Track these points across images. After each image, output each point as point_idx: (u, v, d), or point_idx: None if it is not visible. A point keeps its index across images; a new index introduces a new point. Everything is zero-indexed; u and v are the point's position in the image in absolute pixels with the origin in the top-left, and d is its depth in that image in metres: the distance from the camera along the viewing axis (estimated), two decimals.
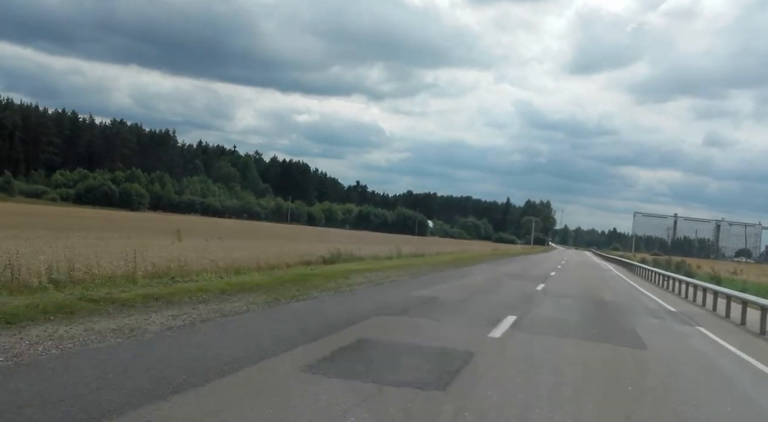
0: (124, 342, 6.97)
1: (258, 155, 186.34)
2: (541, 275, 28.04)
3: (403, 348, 7.74)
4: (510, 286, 18.48)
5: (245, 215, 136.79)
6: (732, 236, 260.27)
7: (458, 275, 22.34)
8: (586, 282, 26.21)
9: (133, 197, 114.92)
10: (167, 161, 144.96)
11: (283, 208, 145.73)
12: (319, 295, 12.55)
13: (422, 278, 18.90)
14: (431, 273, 21.11)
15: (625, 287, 27.05)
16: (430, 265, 25.83)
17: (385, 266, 20.86)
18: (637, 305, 17.44)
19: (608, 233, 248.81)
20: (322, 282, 14.43)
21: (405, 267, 21.76)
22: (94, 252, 12.15)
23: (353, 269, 18.34)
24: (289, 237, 48.27)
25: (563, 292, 17.82)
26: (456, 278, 20.41)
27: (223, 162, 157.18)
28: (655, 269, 35.89)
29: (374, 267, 19.74)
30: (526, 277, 24.71)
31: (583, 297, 17.13)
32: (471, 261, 33.22)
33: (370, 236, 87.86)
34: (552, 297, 15.95)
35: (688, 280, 23.94)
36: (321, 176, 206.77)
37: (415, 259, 28.50)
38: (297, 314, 10.14)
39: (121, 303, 8.94)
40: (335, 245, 26.12)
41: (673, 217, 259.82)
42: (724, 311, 17.09)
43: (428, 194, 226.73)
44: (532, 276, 26.05)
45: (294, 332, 8.25)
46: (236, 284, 12.08)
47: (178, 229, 28.06)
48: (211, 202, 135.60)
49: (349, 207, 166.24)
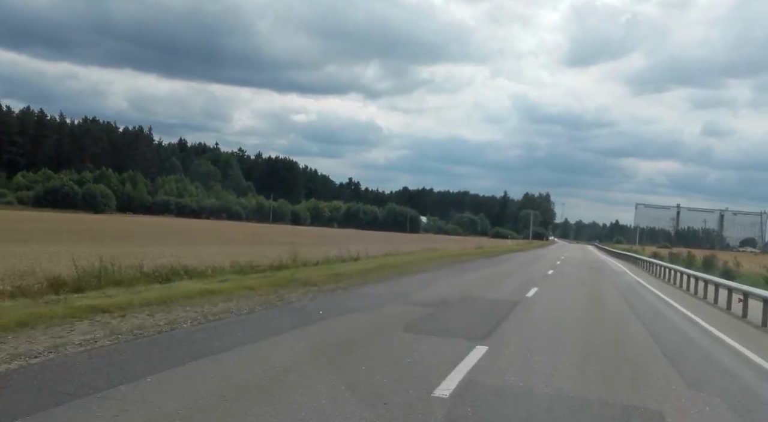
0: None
1: (242, 153, 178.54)
2: (502, 303, 14.09)
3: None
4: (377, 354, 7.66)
5: (224, 215, 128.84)
6: (736, 226, 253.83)
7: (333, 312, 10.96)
8: (596, 328, 11.79)
9: (98, 198, 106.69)
10: (141, 160, 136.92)
11: (265, 207, 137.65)
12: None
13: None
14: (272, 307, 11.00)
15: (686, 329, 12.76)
16: (332, 277, 16.40)
17: (227, 289, 12.36)
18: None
19: (610, 225, 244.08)
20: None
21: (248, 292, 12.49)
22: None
23: (175, 295, 10.33)
24: (246, 240, 40.76)
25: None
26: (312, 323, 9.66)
27: (202, 160, 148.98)
28: (686, 270, 26.82)
29: (216, 289, 11.60)
30: (457, 320, 11.03)
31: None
32: (419, 267, 23.98)
33: (348, 234, 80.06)
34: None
35: (748, 289, 15.89)
36: (311, 174, 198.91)
37: (343, 265, 20.36)
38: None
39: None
40: (289, 247, 21.67)
41: (675, 208, 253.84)
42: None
43: (423, 190, 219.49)
44: (478, 314, 12.06)
45: None
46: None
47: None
48: (187, 202, 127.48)
49: (336, 205, 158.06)
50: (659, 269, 30.80)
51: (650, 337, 10.84)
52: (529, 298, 15.77)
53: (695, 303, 18.30)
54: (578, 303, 16.10)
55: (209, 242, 33.08)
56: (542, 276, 23.74)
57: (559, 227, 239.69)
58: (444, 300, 13.64)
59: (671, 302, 18.25)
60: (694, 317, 14.57)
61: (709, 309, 16.83)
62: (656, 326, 12.58)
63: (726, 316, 15.35)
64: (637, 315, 14.28)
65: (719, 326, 12.97)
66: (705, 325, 13.13)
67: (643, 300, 18.69)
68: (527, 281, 20.88)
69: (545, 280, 22.74)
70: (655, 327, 12.43)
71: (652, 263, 34.44)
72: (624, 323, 12.76)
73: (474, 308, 12.91)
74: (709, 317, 14.71)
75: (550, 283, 21.34)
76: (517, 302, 14.49)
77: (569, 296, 17.82)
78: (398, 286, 16.74)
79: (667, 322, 13.58)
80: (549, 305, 14.56)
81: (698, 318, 14.41)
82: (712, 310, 16.73)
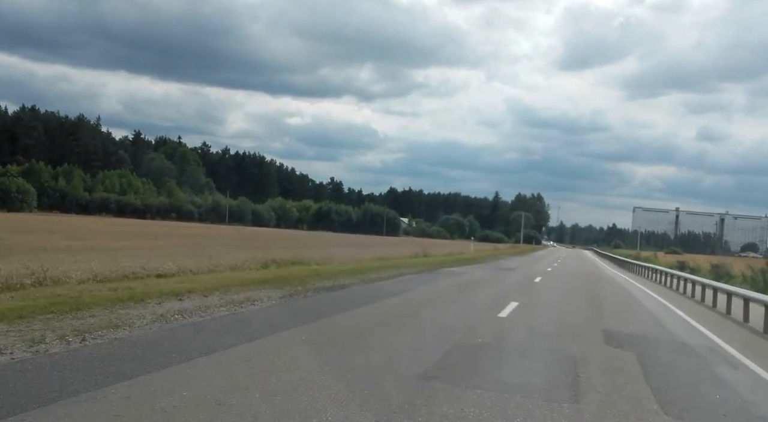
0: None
1: (206, 148, 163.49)
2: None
3: None
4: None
5: (173, 215, 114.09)
6: (737, 230, 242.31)
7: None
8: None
9: (14, 194, 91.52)
10: (84, 153, 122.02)
11: (221, 206, 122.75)
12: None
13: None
14: None
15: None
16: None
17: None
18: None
19: (607, 229, 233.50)
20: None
21: None
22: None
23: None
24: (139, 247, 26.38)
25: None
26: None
27: (155, 154, 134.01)
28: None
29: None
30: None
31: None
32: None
33: (298, 236, 65.57)
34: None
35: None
36: (286, 172, 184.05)
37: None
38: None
39: None
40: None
41: (674, 211, 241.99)
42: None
43: (410, 191, 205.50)
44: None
45: None
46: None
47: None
48: (129, 200, 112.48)
49: (306, 204, 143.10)
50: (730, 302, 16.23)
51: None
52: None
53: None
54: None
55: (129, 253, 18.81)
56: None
57: (555, 230, 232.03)
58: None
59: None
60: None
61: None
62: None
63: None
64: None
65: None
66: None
67: None
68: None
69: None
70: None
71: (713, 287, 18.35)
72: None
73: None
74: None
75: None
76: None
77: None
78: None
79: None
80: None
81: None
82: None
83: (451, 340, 8.75)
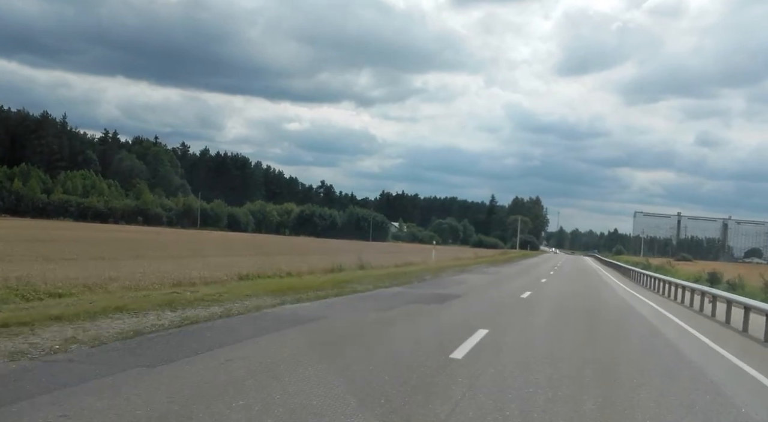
0: None
1: (184, 148, 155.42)
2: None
3: None
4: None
5: (140, 219, 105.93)
6: (740, 236, 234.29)
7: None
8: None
9: None
10: (47, 153, 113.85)
11: (194, 209, 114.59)
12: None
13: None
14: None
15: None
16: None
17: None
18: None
19: (608, 234, 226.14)
20: None
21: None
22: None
23: None
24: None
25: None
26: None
27: (125, 154, 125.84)
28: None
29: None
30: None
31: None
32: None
33: (260, 242, 57.43)
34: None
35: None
36: (274, 175, 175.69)
37: None
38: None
39: None
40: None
41: (676, 216, 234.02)
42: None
43: (403, 195, 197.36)
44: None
45: None
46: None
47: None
48: (92, 203, 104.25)
49: (288, 207, 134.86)
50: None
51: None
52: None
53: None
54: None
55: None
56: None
57: (554, 235, 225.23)
58: None
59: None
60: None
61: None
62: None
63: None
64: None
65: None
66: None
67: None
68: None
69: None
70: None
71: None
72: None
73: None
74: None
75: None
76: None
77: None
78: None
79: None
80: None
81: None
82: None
83: None
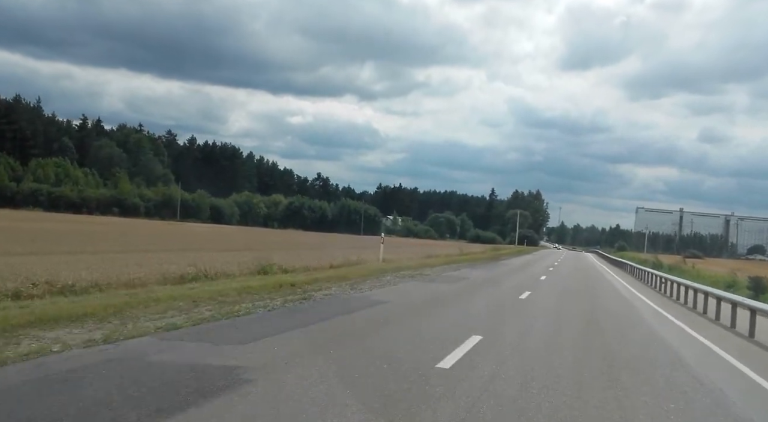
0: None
1: (171, 137, 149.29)
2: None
3: None
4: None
5: (116, 210, 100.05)
6: (743, 232, 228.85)
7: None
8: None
9: None
10: (19, 139, 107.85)
11: (174, 200, 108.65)
12: None
13: None
14: None
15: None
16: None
17: None
18: None
19: (610, 230, 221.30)
20: None
21: None
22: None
23: None
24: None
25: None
26: None
27: (104, 141, 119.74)
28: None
29: None
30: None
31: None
32: None
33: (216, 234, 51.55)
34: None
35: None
36: (267, 167, 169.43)
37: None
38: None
39: None
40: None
41: (678, 212, 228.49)
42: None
43: (400, 188, 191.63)
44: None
45: None
46: None
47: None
48: (64, 192, 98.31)
49: (275, 199, 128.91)
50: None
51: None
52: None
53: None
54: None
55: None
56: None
57: (556, 231, 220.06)
58: None
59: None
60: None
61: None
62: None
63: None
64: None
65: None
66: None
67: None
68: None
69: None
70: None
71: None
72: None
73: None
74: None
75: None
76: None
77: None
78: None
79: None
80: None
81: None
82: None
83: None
